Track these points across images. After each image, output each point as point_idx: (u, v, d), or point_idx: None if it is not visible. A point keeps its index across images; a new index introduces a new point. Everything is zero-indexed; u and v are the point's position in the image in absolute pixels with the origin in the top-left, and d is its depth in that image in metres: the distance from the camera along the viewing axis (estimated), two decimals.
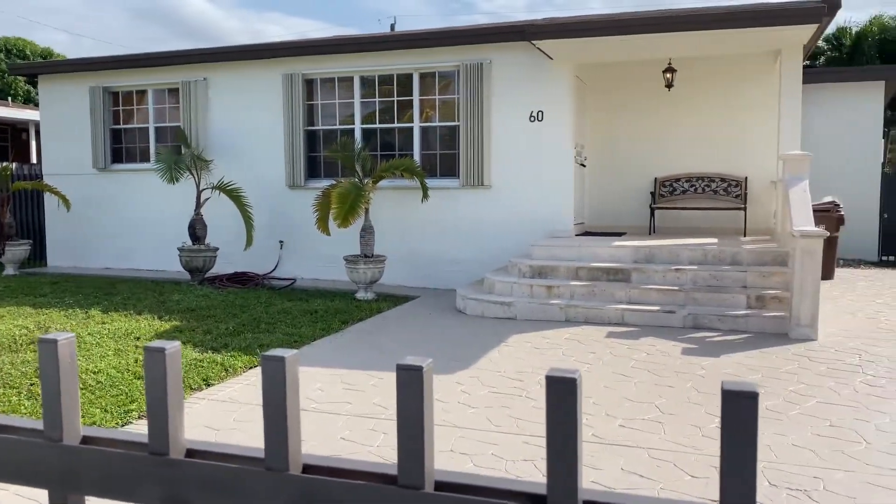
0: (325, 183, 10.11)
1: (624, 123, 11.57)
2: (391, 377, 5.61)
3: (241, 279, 10.57)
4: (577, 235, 10.04)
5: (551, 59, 9.60)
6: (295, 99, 10.89)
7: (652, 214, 11.01)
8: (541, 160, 9.88)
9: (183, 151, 10.94)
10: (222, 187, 10.52)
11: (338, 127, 10.93)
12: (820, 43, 20.15)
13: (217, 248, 10.76)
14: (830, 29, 20.57)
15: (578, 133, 10.51)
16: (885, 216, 13.35)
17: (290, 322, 7.71)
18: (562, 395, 0.85)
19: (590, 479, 3.73)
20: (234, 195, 10.52)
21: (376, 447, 4.20)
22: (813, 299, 6.79)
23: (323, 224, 9.41)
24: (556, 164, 9.84)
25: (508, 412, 4.77)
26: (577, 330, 7.36)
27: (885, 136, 16.49)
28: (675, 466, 3.87)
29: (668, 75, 10.64)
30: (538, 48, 9.26)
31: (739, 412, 0.81)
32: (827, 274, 10.10)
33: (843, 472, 3.77)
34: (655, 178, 11.32)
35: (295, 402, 0.97)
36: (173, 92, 11.90)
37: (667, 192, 11.23)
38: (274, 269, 11.13)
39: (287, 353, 0.96)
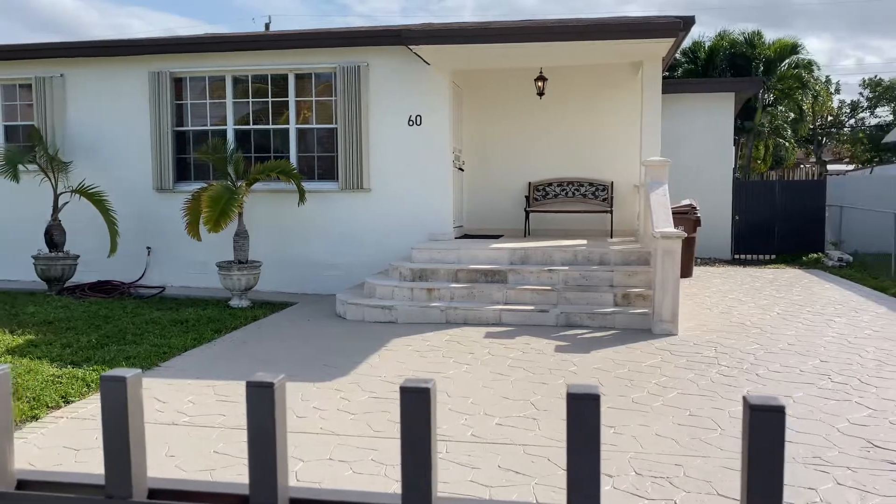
0: (195, 186, 9.69)
1: (500, 129, 11.87)
2: None
3: (104, 288, 9.95)
4: (456, 238, 10.20)
5: (429, 64, 9.69)
6: (163, 98, 10.38)
7: (527, 217, 11.36)
8: (420, 164, 9.96)
9: (36, 151, 10.16)
10: (82, 191, 9.87)
11: (209, 128, 10.53)
12: (678, 56, 21.54)
13: (78, 256, 10.07)
14: (687, 43, 22.03)
15: (456, 138, 10.68)
16: (737, 218, 14.45)
17: (158, 332, 7.34)
18: (414, 404, 0.86)
19: (468, 478, 3.79)
20: (96, 199, 9.88)
21: None
22: (673, 296, 7.24)
23: (193, 229, 9.03)
24: (435, 168, 9.95)
25: (388, 417, 4.76)
26: (457, 331, 7.47)
27: (736, 143, 17.85)
28: (549, 461, 4.01)
29: (540, 83, 11.02)
30: (415, 53, 9.33)
31: (584, 413, 0.85)
32: (686, 272, 10.80)
33: (701, 458, 4.04)
34: (529, 183, 11.69)
35: (139, 424, 0.92)
36: (26, 88, 11.03)
37: (540, 195, 11.63)
38: (141, 277, 10.56)
39: (128, 372, 0.91)
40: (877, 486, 3.65)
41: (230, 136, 10.37)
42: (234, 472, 3.88)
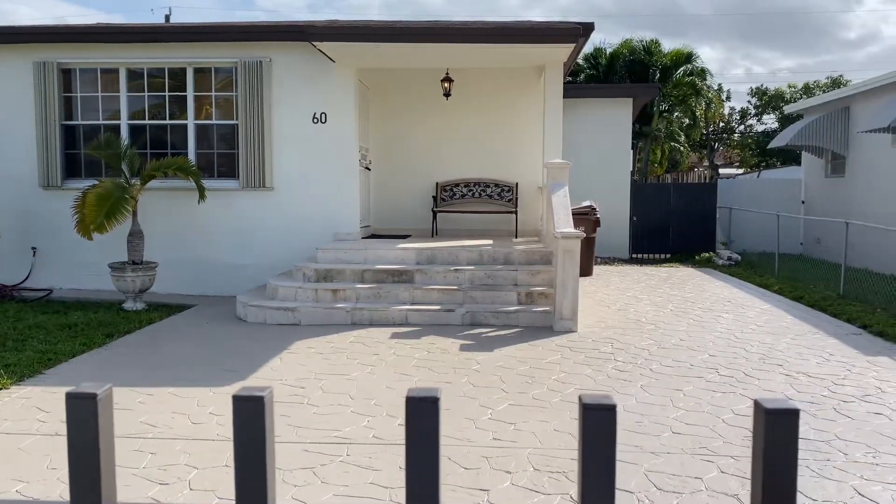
0: (86, 183, 9.20)
1: (406, 129, 11.87)
2: (162, 393, 5.25)
3: None
4: (363, 238, 10.11)
5: (333, 61, 9.57)
6: (49, 90, 9.80)
7: (434, 217, 11.41)
8: (325, 162, 9.82)
9: None
10: None
11: (102, 122, 10.01)
12: (580, 61, 22.20)
13: None
14: (588, 49, 22.75)
15: (363, 136, 10.60)
16: (635, 219, 15.02)
17: (43, 338, 6.92)
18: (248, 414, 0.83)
19: (367, 480, 3.76)
20: None
21: (142, 468, 3.90)
22: (573, 294, 7.44)
23: (83, 228, 8.56)
24: (341, 167, 9.83)
25: (288, 421, 4.67)
26: (362, 332, 7.41)
27: (634, 147, 18.55)
28: (449, 460, 4.03)
29: (446, 84, 11.09)
30: (320, 50, 9.19)
31: (422, 416, 0.85)
32: (586, 271, 11.14)
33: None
34: (437, 183, 11.75)
35: None
36: None
37: (447, 196, 11.70)
38: (26, 280, 9.92)
39: None
40: None
41: (124, 131, 9.90)
42: (120, 483, 3.70)
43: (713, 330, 7.56)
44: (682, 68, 23.22)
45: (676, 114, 24.97)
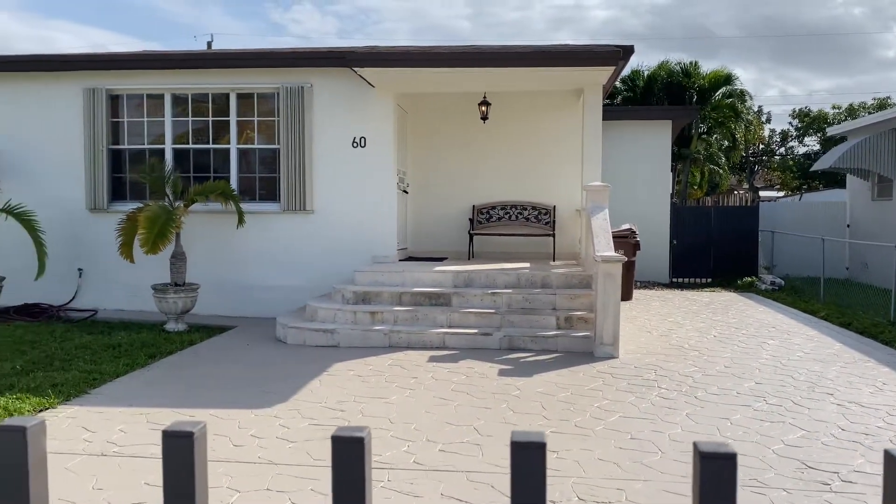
0: (131, 206, 9.40)
1: (444, 152, 11.92)
2: (203, 414, 5.28)
3: (31, 311, 9.52)
4: (400, 261, 10.14)
5: (373, 86, 9.68)
6: (98, 116, 10.07)
7: (471, 240, 11.39)
8: (364, 186, 9.89)
9: None
10: (8, 210, 9.44)
11: (147, 147, 10.25)
12: (618, 83, 22.11)
13: (3, 278, 9.60)
14: (626, 71, 22.67)
15: (401, 160, 10.67)
16: (674, 242, 14.81)
17: (89, 358, 7.04)
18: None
19: None
20: (23, 219, 9.46)
21: None
22: (614, 319, 7.33)
23: (127, 250, 8.73)
24: (380, 190, 9.90)
25: (329, 444, 4.64)
26: (400, 355, 7.39)
27: (673, 169, 18.36)
28: (492, 488, 3.97)
29: (483, 108, 11.13)
30: (360, 75, 9.30)
31: (528, 461, 0.82)
32: (626, 295, 10.98)
33: (642, 481, 4.06)
34: (473, 206, 11.75)
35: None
36: None
37: (484, 218, 11.69)
38: (72, 300, 10.14)
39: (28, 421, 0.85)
40: None
41: (168, 155, 10.12)
42: None
43: (758, 357, 7.37)
44: (721, 90, 23.00)
45: (716, 136, 24.67)
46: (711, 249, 14.84)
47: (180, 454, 0.79)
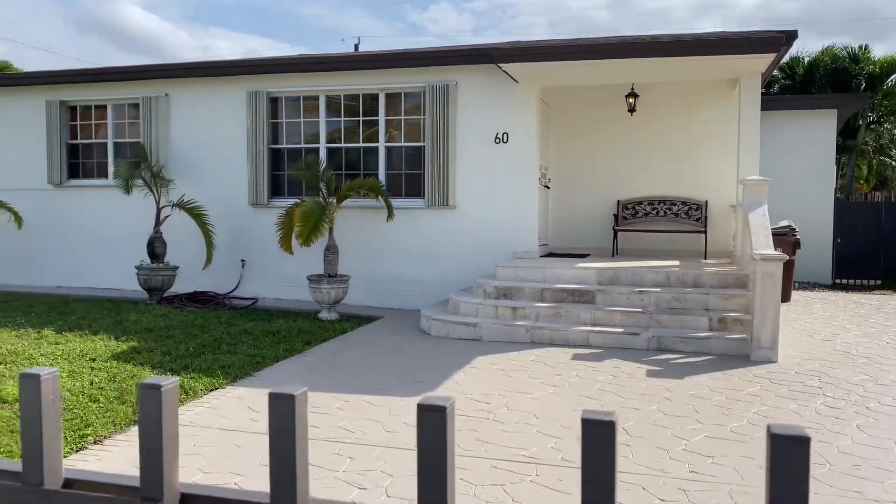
0: (288, 202, 9.99)
1: (587, 146, 11.71)
2: (357, 400, 5.52)
3: (200, 298, 10.35)
4: (541, 257, 10.08)
5: (516, 81, 9.68)
6: (259, 117, 10.78)
7: (615, 236, 11.12)
8: (506, 182, 9.93)
9: (142, 167, 10.71)
10: (182, 205, 10.32)
11: (302, 146, 10.84)
12: (774, 71, 20.75)
13: (177, 267, 10.53)
14: (784, 58, 21.22)
15: (543, 155, 10.60)
16: (839, 241, 13.71)
17: (251, 343, 7.56)
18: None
19: (562, 503, 3.69)
20: (195, 213, 10.32)
21: (342, 472, 4.10)
22: (773, 322, 6.90)
23: (286, 243, 9.28)
24: (521, 186, 9.90)
25: (476, 436, 4.71)
26: (542, 352, 7.35)
27: (838, 162, 16.99)
28: (644, 490, 3.86)
29: (631, 100, 10.82)
30: (504, 71, 9.33)
31: (598, 439, 0.84)
32: (785, 297, 10.31)
33: (810, 494, 3.79)
34: (618, 201, 11.46)
35: (172, 431, 1.01)
36: (133, 107, 11.67)
37: (629, 214, 11.37)
38: (235, 289, 10.93)
39: (164, 381, 1.01)
40: None
41: (322, 153, 10.65)
42: (322, 485, 3.91)
43: None
44: (893, 76, 20.98)
45: (887, 126, 22.55)
46: (882, 249, 13.61)
47: (284, 414, 1.02)
